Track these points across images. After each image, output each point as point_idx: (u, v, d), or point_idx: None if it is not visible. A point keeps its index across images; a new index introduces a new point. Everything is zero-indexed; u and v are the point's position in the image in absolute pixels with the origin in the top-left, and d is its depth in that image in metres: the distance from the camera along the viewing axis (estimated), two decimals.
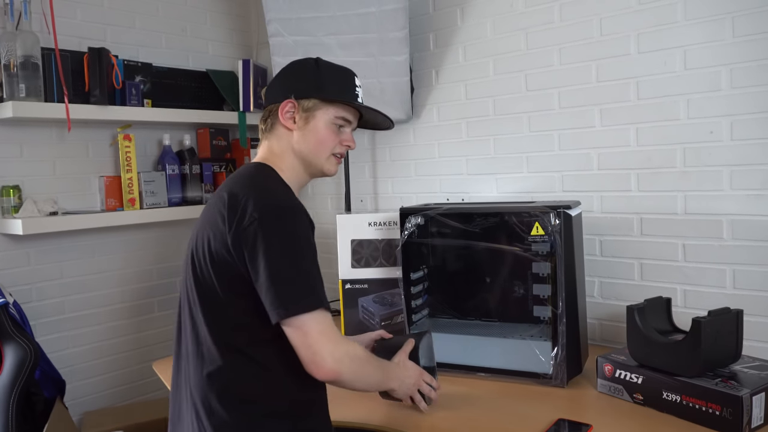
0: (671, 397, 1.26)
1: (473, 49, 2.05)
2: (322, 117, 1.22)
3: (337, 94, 1.24)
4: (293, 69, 1.27)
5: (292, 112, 1.22)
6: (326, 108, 1.23)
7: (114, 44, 2.23)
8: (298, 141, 1.22)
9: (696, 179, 1.61)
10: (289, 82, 1.24)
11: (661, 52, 1.64)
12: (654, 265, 1.69)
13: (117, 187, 2.20)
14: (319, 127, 1.22)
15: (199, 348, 1.13)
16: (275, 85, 1.28)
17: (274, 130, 1.24)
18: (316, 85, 1.23)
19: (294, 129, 1.22)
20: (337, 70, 1.27)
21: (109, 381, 2.27)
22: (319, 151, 1.23)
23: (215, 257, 1.10)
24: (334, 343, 1.05)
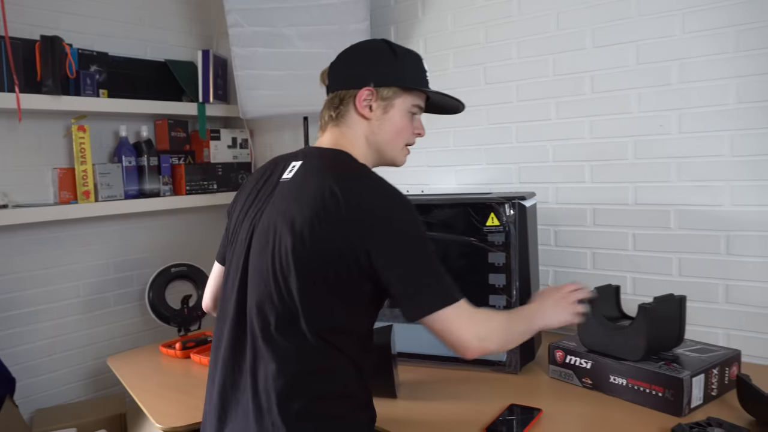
0: (618, 381, 1.30)
1: (434, 41, 2.06)
2: (400, 106, 1.16)
3: (416, 82, 1.17)
4: (368, 53, 1.17)
5: (369, 100, 1.14)
6: (404, 96, 1.16)
7: (68, 33, 2.17)
8: (374, 131, 1.15)
9: (646, 171, 1.65)
10: (366, 68, 1.15)
11: (614, 46, 1.68)
12: (606, 254, 1.73)
13: (71, 180, 2.14)
14: (397, 116, 1.16)
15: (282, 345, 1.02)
16: (345, 68, 1.17)
17: (346, 117, 1.15)
18: (396, 72, 1.15)
19: (371, 118, 1.14)
20: (410, 55, 1.19)
21: (63, 378, 2.22)
22: (396, 141, 1.18)
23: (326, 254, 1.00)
24: (475, 325, 1.02)
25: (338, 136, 1.16)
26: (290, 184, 1.09)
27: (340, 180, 1.03)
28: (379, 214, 1.00)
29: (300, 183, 1.07)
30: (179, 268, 2.30)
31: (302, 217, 1.01)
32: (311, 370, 1.02)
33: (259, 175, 1.22)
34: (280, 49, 2.12)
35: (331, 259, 1.00)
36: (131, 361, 1.85)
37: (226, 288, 1.15)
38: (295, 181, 1.09)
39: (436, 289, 1.00)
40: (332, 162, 1.10)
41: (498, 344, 1.07)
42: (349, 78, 1.16)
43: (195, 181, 2.42)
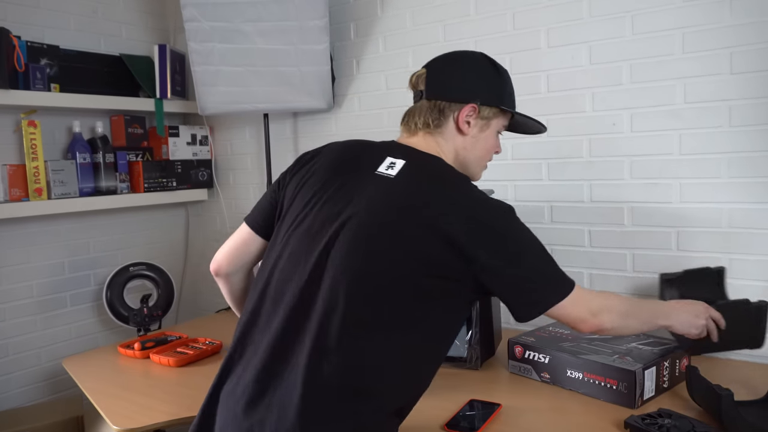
0: (574, 375, 1.34)
1: (393, 39, 2.07)
2: (494, 126, 1.19)
3: (512, 105, 1.22)
4: (475, 68, 1.19)
5: (470, 116, 1.15)
6: (500, 118, 1.20)
7: (16, 24, 2.10)
8: (467, 147, 1.17)
9: (600, 169, 1.70)
10: (473, 84, 1.17)
11: (568, 46, 1.72)
12: (563, 250, 1.78)
13: (22, 176, 2.08)
14: (491, 136, 1.19)
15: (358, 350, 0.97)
16: (450, 79, 1.17)
17: (443, 128, 1.15)
18: (499, 94, 1.18)
19: (467, 134, 1.16)
20: (507, 74, 1.22)
21: (17, 380, 2.16)
22: (482, 159, 1.21)
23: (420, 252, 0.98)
24: (589, 302, 1.07)
25: (432, 145, 1.16)
26: (396, 183, 1.05)
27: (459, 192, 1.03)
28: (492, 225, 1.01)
29: (410, 186, 1.04)
30: (138, 267, 2.27)
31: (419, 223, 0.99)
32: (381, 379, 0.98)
33: (337, 157, 1.16)
34: (238, 45, 2.09)
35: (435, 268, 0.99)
36: (88, 363, 1.81)
37: (276, 267, 1.08)
38: (402, 181, 1.05)
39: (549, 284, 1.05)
40: (443, 169, 1.09)
41: (612, 322, 1.09)
42: (454, 91, 1.16)
43: (153, 179, 2.37)
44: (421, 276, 0.98)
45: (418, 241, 0.98)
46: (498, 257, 0.99)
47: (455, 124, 1.15)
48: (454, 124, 1.16)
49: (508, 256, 1.00)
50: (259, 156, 2.46)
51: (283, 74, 2.11)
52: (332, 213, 1.05)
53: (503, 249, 1.00)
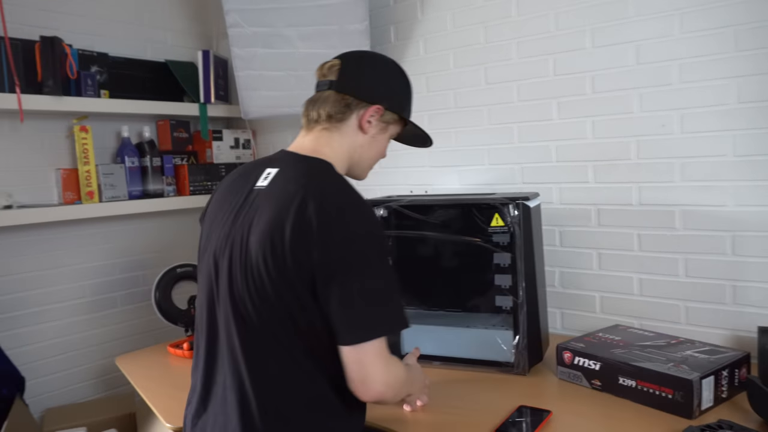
0: (627, 382, 1.32)
1: (433, 42, 2.06)
2: (390, 132, 1.24)
3: (410, 115, 1.27)
4: (388, 73, 1.22)
5: (373, 118, 1.18)
6: (397, 125, 1.25)
7: (68, 33, 2.16)
8: (363, 146, 1.19)
9: (649, 171, 1.67)
10: (384, 87, 1.20)
11: (614, 46, 1.69)
12: (611, 254, 1.75)
13: (74, 180, 2.15)
14: (385, 141, 1.24)
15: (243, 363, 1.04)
16: (362, 76, 1.19)
17: (344, 123, 1.16)
18: (404, 101, 1.24)
19: (366, 134, 1.18)
20: (411, 88, 1.27)
21: (71, 377, 2.23)
22: (372, 162, 1.25)
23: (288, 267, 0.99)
24: (386, 366, 1.04)
25: (324, 141, 1.15)
26: (265, 193, 1.07)
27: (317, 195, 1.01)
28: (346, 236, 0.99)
29: (277, 192, 1.05)
30: (185, 268, 2.31)
31: (277, 230, 1.00)
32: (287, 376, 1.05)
33: (231, 180, 1.20)
34: (280, 50, 2.12)
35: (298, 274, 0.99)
36: (139, 361, 1.87)
37: (199, 299, 1.16)
38: (270, 190, 1.07)
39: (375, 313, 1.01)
40: (310, 173, 1.08)
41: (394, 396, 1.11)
42: (365, 89, 1.17)
43: (198, 182, 2.42)
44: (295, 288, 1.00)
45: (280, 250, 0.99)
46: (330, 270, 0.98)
47: (358, 121, 1.17)
48: (356, 122, 1.17)
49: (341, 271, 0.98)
50: None
51: None
52: (218, 235, 1.11)
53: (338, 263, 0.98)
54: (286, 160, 1.14)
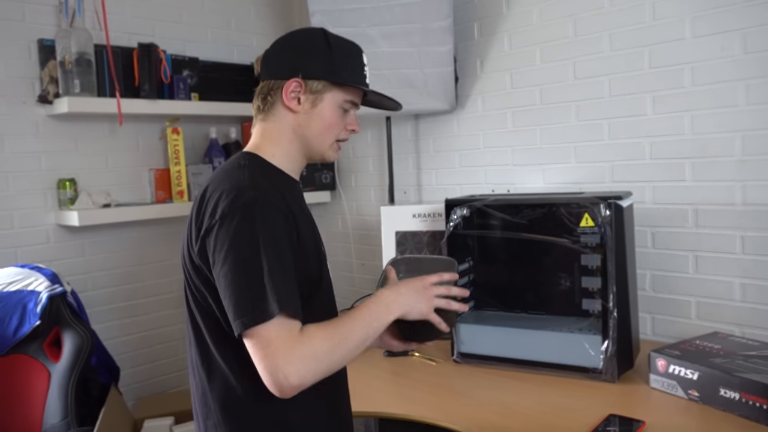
0: (729, 395, 1.22)
1: (519, 37, 2.01)
2: (330, 100, 1.09)
3: (349, 78, 1.10)
4: (300, 41, 1.11)
5: (297, 92, 1.08)
6: (336, 91, 1.09)
7: (162, 39, 2.27)
8: (302, 125, 1.09)
9: (755, 168, 1.54)
10: (296, 58, 1.09)
11: (718, 35, 1.58)
12: (710, 257, 1.63)
13: (166, 180, 2.25)
14: (327, 111, 1.09)
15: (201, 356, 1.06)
16: (278, 56, 1.12)
17: (273, 109, 1.10)
18: (328, 65, 1.08)
19: (298, 111, 1.08)
20: (347, 47, 1.12)
21: (161, 368, 2.34)
22: (324, 137, 1.11)
23: (193, 261, 1.02)
24: (282, 355, 0.90)
25: (261, 132, 1.12)
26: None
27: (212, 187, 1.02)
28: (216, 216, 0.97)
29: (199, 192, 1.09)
30: None
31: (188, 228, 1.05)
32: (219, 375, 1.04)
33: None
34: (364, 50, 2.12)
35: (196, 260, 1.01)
36: None
37: None
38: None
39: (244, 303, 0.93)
40: (222, 168, 1.08)
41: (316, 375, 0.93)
42: (279, 67, 1.10)
43: None
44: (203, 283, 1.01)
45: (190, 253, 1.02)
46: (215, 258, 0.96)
47: (282, 102, 1.08)
48: (281, 103, 1.09)
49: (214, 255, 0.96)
50: (380, 158, 2.49)
51: (406, 77, 2.12)
52: None
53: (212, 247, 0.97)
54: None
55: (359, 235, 2.60)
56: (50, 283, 1.82)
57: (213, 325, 1.03)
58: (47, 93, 1.98)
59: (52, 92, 1.98)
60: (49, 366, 1.79)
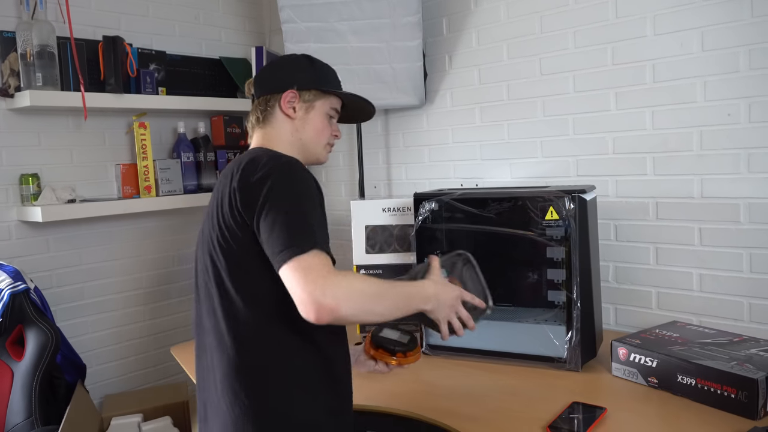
0: (686, 380, 1.26)
1: (487, 33, 2.03)
2: (320, 108, 1.29)
3: (333, 87, 1.32)
4: (289, 63, 1.33)
5: (293, 102, 1.27)
6: (324, 100, 1.30)
7: (128, 32, 2.24)
8: (298, 129, 1.28)
9: (713, 162, 1.59)
10: (289, 74, 1.29)
11: (678, 33, 1.62)
12: (670, 249, 1.68)
13: (133, 175, 2.22)
14: (317, 117, 1.29)
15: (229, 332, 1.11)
16: (270, 76, 1.32)
17: (272, 118, 1.27)
18: (315, 78, 1.30)
19: (294, 118, 1.27)
20: (326, 66, 1.34)
21: (129, 365, 2.31)
22: (317, 140, 1.30)
23: (228, 228, 1.11)
24: (323, 278, 0.97)
25: (262, 136, 1.28)
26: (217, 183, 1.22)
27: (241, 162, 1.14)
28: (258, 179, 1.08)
29: (219, 182, 1.20)
30: None
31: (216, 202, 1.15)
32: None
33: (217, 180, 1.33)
34: (333, 44, 2.13)
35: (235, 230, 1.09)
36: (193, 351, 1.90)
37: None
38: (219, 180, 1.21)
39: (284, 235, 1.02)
40: (245, 155, 1.19)
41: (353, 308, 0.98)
42: (274, 83, 1.29)
43: None
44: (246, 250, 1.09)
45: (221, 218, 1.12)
46: (253, 208, 1.06)
47: (281, 110, 1.26)
48: (280, 111, 1.27)
49: (261, 206, 1.06)
50: (351, 153, 2.49)
51: (375, 72, 2.13)
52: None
53: (258, 200, 1.06)
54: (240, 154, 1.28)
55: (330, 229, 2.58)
56: (12, 281, 1.78)
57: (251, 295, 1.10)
58: (8, 86, 1.94)
59: (14, 85, 1.94)
60: (11, 365, 1.76)
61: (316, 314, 0.95)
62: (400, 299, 1.09)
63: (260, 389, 1.10)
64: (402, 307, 1.09)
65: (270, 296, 1.08)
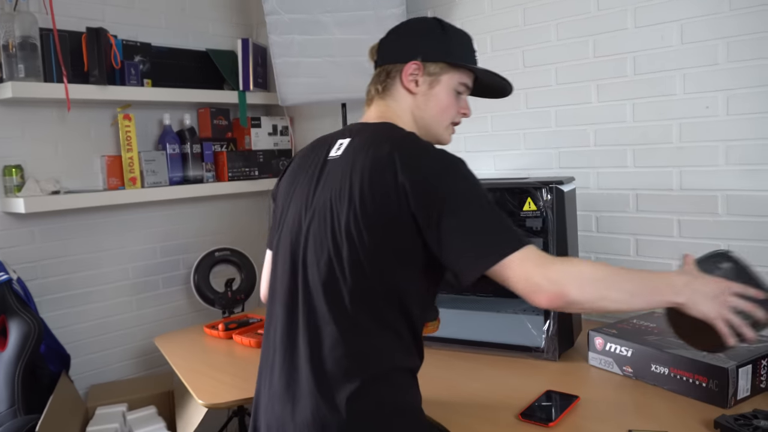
0: (659, 370, 1.27)
1: (471, 25, 2.03)
2: (446, 83, 1.16)
3: (464, 60, 1.17)
4: (417, 28, 1.18)
5: (416, 75, 1.14)
6: (452, 73, 1.16)
7: (113, 24, 2.23)
8: (420, 106, 1.15)
9: (691, 155, 1.60)
10: (414, 42, 1.15)
11: (658, 26, 1.63)
12: (649, 240, 1.69)
13: (118, 167, 2.22)
14: (443, 93, 1.16)
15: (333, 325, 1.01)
16: (395, 42, 1.18)
17: (392, 91, 1.16)
18: (444, 48, 1.15)
19: (416, 93, 1.15)
20: (460, 33, 1.19)
21: (115, 356, 2.31)
22: (441, 118, 1.17)
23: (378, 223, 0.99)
24: (546, 265, 0.92)
25: (384, 110, 1.16)
26: (340, 161, 1.08)
27: (395, 146, 1.02)
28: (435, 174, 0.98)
29: (352, 158, 1.06)
30: (222, 253, 2.36)
31: (360, 189, 1.01)
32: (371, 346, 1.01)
33: (302, 156, 1.21)
34: (317, 36, 2.13)
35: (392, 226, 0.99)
36: (177, 341, 1.92)
37: (276, 271, 1.14)
38: (345, 157, 1.08)
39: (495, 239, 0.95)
40: (382, 132, 1.09)
41: (583, 293, 0.91)
42: (397, 52, 1.16)
43: (237, 168, 2.47)
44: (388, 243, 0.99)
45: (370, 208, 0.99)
46: (433, 209, 0.96)
47: (402, 84, 1.15)
48: (401, 85, 1.15)
49: (444, 207, 0.96)
50: None
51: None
52: (297, 209, 1.12)
53: (438, 200, 0.96)
54: (355, 129, 1.14)
55: None
56: None
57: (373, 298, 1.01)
58: None
59: None
60: None
61: (549, 299, 0.91)
62: (640, 285, 0.95)
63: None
64: (644, 294, 0.95)
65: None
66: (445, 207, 0.96)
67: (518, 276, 0.93)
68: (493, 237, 0.95)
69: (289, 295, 1.08)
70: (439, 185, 0.98)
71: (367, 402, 0.98)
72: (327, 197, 1.06)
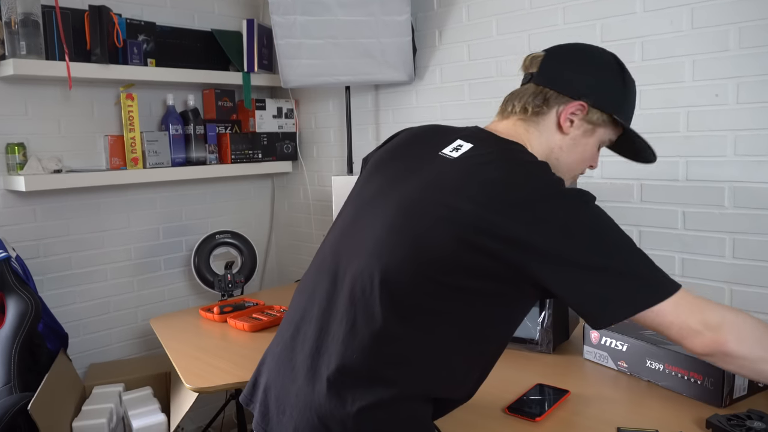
0: (654, 365, 1.24)
1: (477, 8, 1.98)
2: (600, 135, 1.05)
3: (629, 120, 1.07)
4: (598, 65, 1.05)
5: (575, 116, 1.02)
6: (610, 129, 1.05)
7: (116, 2, 2.21)
8: (563, 148, 1.03)
9: (699, 144, 1.55)
10: (589, 81, 1.02)
11: (667, 10, 1.57)
12: (653, 232, 1.65)
13: (121, 147, 2.21)
14: (591, 144, 1.05)
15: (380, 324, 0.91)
16: (566, 69, 1.04)
17: (541, 119, 1.02)
18: (618, 102, 1.04)
19: (567, 134, 1.02)
20: (633, 86, 1.09)
21: (115, 336, 2.33)
22: (577, 167, 1.07)
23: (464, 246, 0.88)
24: (703, 310, 0.87)
25: (521, 132, 1.03)
26: (457, 164, 0.95)
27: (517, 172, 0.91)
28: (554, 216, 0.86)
29: (469, 167, 0.94)
30: (223, 235, 2.36)
31: (470, 203, 0.88)
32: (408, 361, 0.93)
33: (413, 134, 1.10)
34: (320, 17, 2.09)
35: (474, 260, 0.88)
36: (172, 323, 1.92)
37: (332, 238, 1.04)
38: (463, 163, 0.95)
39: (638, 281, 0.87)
40: (509, 153, 0.96)
41: (741, 346, 0.85)
42: (567, 82, 1.02)
43: (240, 150, 2.45)
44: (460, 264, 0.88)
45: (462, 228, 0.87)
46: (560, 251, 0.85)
47: (557, 118, 1.02)
48: (555, 119, 1.02)
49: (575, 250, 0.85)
50: (341, 129, 2.47)
51: (363, 46, 2.09)
52: (383, 189, 1.01)
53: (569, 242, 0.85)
54: (481, 137, 1.01)
55: (320, 206, 2.59)
56: None
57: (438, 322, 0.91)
58: None
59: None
60: None
61: (704, 345, 0.86)
62: None
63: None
64: None
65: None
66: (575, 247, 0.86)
67: (676, 323, 0.86)
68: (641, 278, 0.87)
69: (342, 272, 0.99)
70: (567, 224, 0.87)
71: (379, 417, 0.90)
72: (428, 196, 0.93)
